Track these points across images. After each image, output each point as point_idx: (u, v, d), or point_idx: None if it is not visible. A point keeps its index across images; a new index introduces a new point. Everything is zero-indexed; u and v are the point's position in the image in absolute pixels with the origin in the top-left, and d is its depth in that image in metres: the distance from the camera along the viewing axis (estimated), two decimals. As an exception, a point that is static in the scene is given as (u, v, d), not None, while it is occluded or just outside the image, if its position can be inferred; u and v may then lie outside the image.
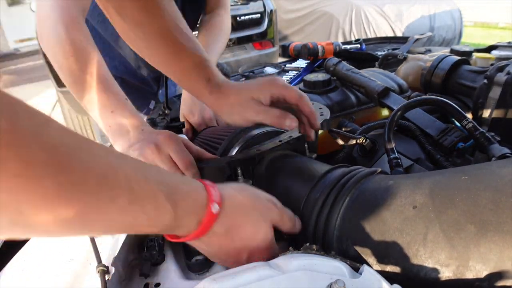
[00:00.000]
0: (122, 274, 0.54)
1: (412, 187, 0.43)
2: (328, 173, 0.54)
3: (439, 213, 0.39)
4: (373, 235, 0.43)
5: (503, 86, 0.75)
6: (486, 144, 0.63)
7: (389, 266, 0.41)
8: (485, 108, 0.79)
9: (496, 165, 0.43)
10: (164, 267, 0.56)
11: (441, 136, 0.72)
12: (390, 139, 0.66)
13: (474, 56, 1.17)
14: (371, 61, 1.41)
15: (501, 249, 0.34)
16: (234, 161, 0.59)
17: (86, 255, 0.53)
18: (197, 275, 0.56)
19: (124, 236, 0.56)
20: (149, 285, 0.53)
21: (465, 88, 0.90)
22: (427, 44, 3.97)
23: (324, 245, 0.48)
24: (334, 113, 0.89)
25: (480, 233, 0.35)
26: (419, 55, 1.20)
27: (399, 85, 0.97)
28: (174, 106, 1.08)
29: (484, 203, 0.37)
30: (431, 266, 0.38)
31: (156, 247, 0.56)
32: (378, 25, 4.81)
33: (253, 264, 0.40)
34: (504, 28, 7.72)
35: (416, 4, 4.95)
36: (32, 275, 0.51)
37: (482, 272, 0.35)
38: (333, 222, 0.47)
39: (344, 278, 0.36)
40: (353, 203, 0.47)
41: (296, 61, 1.51)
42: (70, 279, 0.49)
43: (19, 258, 0.55)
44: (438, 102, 0.70)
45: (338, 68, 0.98)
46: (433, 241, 0.38)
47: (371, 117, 0.96)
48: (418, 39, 1.52)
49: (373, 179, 0.49)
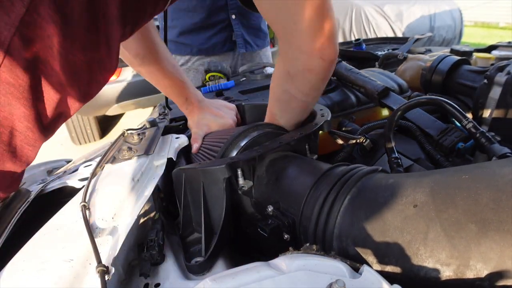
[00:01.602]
0: (122, 274, 0.54)
1: (413, 186, 0.43)
2: (329, 171, 0.54)
3: (440, 212, 0.39)
4: (373, 234, 0.43)
5: (503, 86, 0.75)
6: (486, 144, 0.63)
7: (389, 265, 0.41)
8: (485, 108, 0.79)
9: (496, 165, 0.43)
10: (164, 267, 0.56)
11: (441, 136, 0.72)
12: (390, 139, 0.66)
13: (474, 56, 1.17)
14: (371, 61, 1.41)
15: (501, 248, 0.34)
16: (234, 163, 0.59)
17: (86, 255, 0.53)
18: (197, 275, 0.56)
19: (124, 236, 0.56)
20: (149, 285, 0.53)
21: (465, 88, 0.90)
22: (427, 44, 3.97)
23: (324, 243, 0.48)
24: (334, 113, 0.89)
25: (480, 232, 0.35)
26: (419, 55, 1.20)
27: (399, 85, 0.97)
28: (174, 106, 1.08)
29: (485, 202, 0.37)
30: (431, 266, 0.38)
31: (156, 247, 0.56)
32: (378, 25, 4.81)
33: (253, 264, 0.40)
34: (504, 28, 7.72)
35: (416, 4, 4.95)
36: (32, 275, 0.51)
37: (483, 271, 0.35)
38: (333, 220, 0.47)
39: (344, 278, 0.36)
40: (353, 201, 0.47)
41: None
42: (70, 279, 0.49)
43: (19, 258, 0.55)
44: (438, 102, 0.70)
45: (338, 68, 0.98)
46: (433, 240, 0.38)
47: (371, 117, 0.96)
48: (418, 39, 1.52)
49: (374, 178, 0.49)
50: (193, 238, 0.63)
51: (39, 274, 0.51)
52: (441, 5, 5.09)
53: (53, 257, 0.54)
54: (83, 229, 0.56)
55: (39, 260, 0.54)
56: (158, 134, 0.86)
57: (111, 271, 0.49)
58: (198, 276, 0.56)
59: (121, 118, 3.93)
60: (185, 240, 0.63)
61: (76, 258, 0.53)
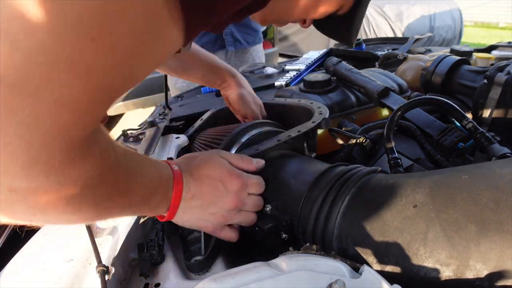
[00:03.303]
0: (122, 274, 0.54)
1: (413, 186, 0.43)
2: (328, 171, 0.54)
3: (440, 212, 0.39)
4: (373, 234, 0.43)
5: (503, 86, 0.75)
6: (486, 144, 0.63)
7: (389, 265, 0.41)
8: (485, 108, 0.79)
9: (496, 165, 0.43)
10: (164, 267, 0.56)
11: (441, 136, 0.72)
12: (390, 139, 0.66)
13: (474, 56, 1.17)
14: (371, 61, 1.41)
15: (501, 248, 0.34)
16: None
17: (86, 255, 0.53)
18: (197, 275, 0.56)
19: (124, 236, 0.56)
20: (149, 285, 0.53)
21: (465, 88, 0.89)
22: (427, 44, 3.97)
23: (323, 244, 0.48)
24: (334, 113, 0.89)
25: (480, 233, 0.35)
26: (419, 55, 1.20)
27: (399, 85, 0.97)
28: (174, 106, 1.08)
29: (485, 202, 0.37)
30: (431, 266, 0.38)
31: (156, 247, 0.56)
32: (378, 25, 4.81)
33: (253, 264, 0.40)
34: (504, 28, 7.73)
35: (416, 4, 4.95)
36: (32, 275, 0.51)
37: (483, 272, 0.35)
38: (333, 221, 0.47)
39: (344, 278, 0.36)
40: (353, 201, 0.47)
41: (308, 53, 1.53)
42: (70, 279, 0.49)
43: (19, 258, 0.55)
44: (438, 102, 0.70)
45: (338, 68, 0.98)
46: (433, 240, 0.38)
47: (371, 117, 0.96)
48: (418, 39, 1.52)
49: (374, 178, 0.49)
50: (193, 237, 0.63)
51: (39, 274, 0.51)
52: (441, 5, 5.09)
53: (53, 257, 0.54)
54: (83, 229, 0.56)
55: (39, 260, 0.54)
56: (158, 134, 0.86)
57: (111, 271, 0.49)
58: (198, 275, 0.56)
59: (121, 118, 3.93)
60: (185, 239, 0.63)
61: (76, 258, 0.53)
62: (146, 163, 0.47)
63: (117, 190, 0.41)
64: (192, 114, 1.09)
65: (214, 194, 0.52)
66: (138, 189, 0.44)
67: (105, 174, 0.38)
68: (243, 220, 0.56)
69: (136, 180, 0.43)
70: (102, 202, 0.39)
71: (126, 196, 0.43)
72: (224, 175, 0.53)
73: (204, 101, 1.25)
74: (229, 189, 0.53)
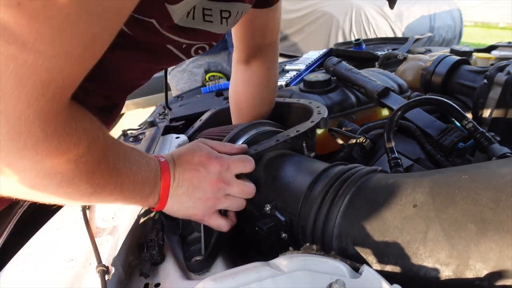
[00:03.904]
0: (122, 274, 0.54)
1: (413, 186, 0.43)
2: (327, 170, 0.54)
3: (439, 212, 0.39)
4: (373, 234, 0.43)
5: (503, 86, 0.75)
6: (486, 144, 0.63)
7: (389, 265, 0.41)
8: (485, 108, 0.79)
9: (496, 165, 0.43)
10: (164, 267, 0.56)
11: (441, 136, 0.72)
12: (390, 139, 0.66)
13: (474, 56, 1.17)
14: (371, 61, 1.41)
15: (501, 248, 0.34)
16: None
17: (86, 255, 0.53)
18: (197, 275, 0.56)
19: (124, 236, 0.56)
20: (149, 285, 0.53)
21: (465, 88, 0.89)
22: (427, 44, 3.97)
23: (323, 243, 0.48)
24: (334, 113, 0.89)
25: (480, 232, 0.35)
26: (419, 55, 1.20)
27: (399, 85, 0.97)
28: (174, 106, 1.08)
29: (485, 202, 0.37)
30: (431, 265, 0.38)
31: (156, 247, 0.56)
32: (378, 25, 4.81)
33: (253, 264, 0.40)
34: (504, 28, 7.72)
35: (416, 4, 4.95)
36: (32, 275, 0.51)
37: (482, 271, 0.35)
38: (332, 220, 0.47)
39: (344, 278, 0.36)
40: (353, 201, 0.47)
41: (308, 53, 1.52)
42: (70, 279, 0.49)
43: (19, 258, 0.55)
44: (438, 102, 0.70)
45: (338, 68, 0.98)
46: (433, 240, 0.38)
47: (371, 117, 0.96)
48: (418, 39, 1.52)
49: (374, 178, 0.49)
50: (193, 238, 0.63)
51: (39, 274, 0.51)
52: (441, 5, 5.09)
53: (53, 257, 0.54)
54: (83, 229, 0.56)
55: (39, 260, 0.54)
56: (158, 134, 0.86)
57: (111, 271, 0.49)
58: (198, 275, 0.56)
59: (121, 118, 3.93)
60: (185, 239, 0.63)
61: (76, 258, 0.53)
62: (134, 152, 0.50)
63: (108, 169, 0.43)
64: (192, 114, 1.09)
65: (196, 177, 0.54)
66: (127, 172, 0.46)
67: (94, 152, 0.40)
68: (231, 205, 0.57)
69: (124, 165, 0.46)
70: (95, 179, 0.42)
71: (117, 176, 0.45)
72: (203, 158, 0.55)
73: (204, 101, 1.25)
74: (210, 170, 0.54)
